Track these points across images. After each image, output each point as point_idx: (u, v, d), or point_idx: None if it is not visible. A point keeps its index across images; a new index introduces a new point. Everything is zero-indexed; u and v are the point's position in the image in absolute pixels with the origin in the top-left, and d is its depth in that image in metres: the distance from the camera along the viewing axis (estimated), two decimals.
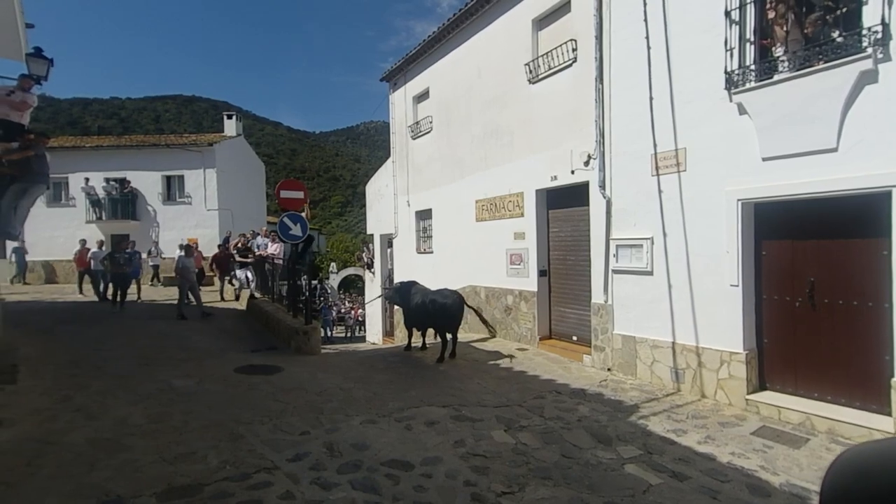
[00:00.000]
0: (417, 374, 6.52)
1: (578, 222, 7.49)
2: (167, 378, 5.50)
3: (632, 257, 6.27)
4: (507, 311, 8.76)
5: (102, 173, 18.74)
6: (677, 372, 5.71)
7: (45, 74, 7.40)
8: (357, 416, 4.70)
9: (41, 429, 3.65)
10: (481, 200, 9.45)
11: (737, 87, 5.05)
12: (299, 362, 7.01)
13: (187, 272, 10.23)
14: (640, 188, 6.18)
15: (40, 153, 6.21)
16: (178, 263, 10.39)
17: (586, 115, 6.89)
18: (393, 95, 13.16)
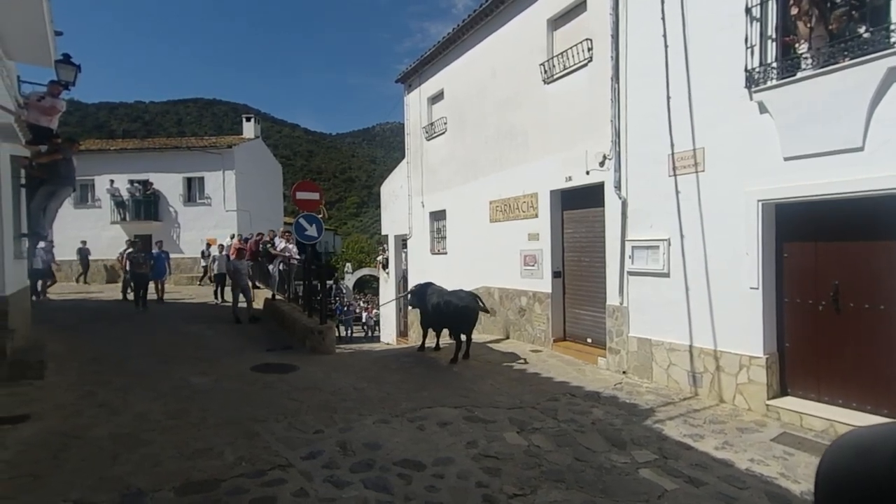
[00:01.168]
0: (430, 374, 6.53)
1: (593, 223, 7.41)
2: (185, 375, 5.63)
3: (648, 259, 6.18)
4: (520, 313, 8.72)
5: (126, 175, 19.29)
6: (695, 376, 5.61)
7: (73, 80, 7.66)
8: (370, 415, 4.74)
9: (66, 423, 3.78)
10: (495, 201, 9.42)
11: (757, 85, 4.93)
12: (314, 361, 7.09)
13: (239, 275, 10.31)
14: (656, 189, 6.08)
15: (67, 157, 6.41)
16: (229, 266, 10.49)
17: (602, 114, 6.82)
18: (408, 97, 13.22)
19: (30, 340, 6.41)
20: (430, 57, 11.63)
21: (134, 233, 19.44)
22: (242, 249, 11.22)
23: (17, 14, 4.55)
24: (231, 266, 10.41)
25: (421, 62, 12.02)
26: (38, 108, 6.96)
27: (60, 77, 7.46)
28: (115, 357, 6.46)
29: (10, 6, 4.31)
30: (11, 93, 6.10)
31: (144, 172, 19.39)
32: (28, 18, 4.54)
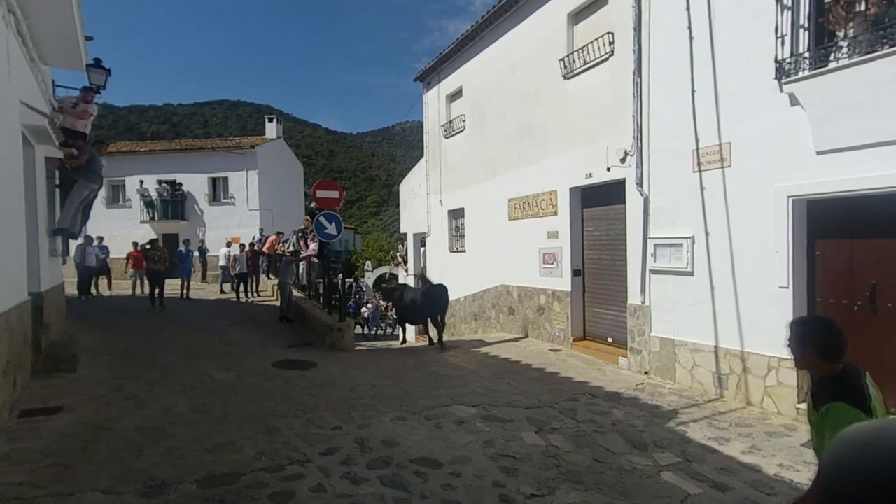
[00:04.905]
0: (448, 373, 6.53)
1: (614, 221, 7.27)
2: (209, 370, 5.77)
3: (671, 257, 6.02)
4: (539, 311, 8.63)
5: (155, 176, 19.89)
6: (720, 377, 5.44)
7: (103, 83, 7.92)
8: (387, 412, 4.76)
9: (96, 415, 3.92)
10: (514, 199, 9.34)
11: (788, 76, 4.73)
12: (333, 358, 7.17)
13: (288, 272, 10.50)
14: (680, 185, 5.92)
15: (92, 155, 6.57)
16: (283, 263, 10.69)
17: (623, 110, 6.67)
18: (426, 95, 13.23)
19: (64, 335, 6.68)
20: (449, 55, 11.60)
21: (162, 232, 20.06)
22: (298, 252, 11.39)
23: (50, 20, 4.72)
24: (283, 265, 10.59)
25: (439, 60, 12.00)
26: (73, 113, 7.24)
27: (92, 81, 7.73)
28: (144, 352, 6.67)
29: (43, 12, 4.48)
30: (46, 97, 6.35)
31: (172, 173, 19.96)
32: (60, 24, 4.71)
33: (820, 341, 1.81)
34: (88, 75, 7.72)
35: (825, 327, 1.85)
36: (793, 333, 1.90)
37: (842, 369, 1.80)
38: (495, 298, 9.98)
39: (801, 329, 1.88)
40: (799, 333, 1.87)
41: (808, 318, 2.08)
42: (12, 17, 4.21)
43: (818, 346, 1.81)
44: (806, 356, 1.85)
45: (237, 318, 10.56)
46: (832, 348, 1.80)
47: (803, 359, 1.87)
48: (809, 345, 1.83)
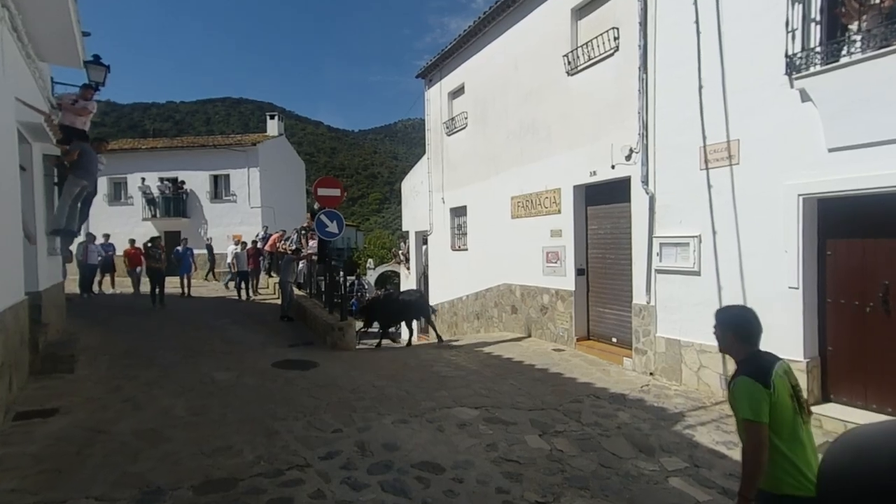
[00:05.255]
0: (450, 373, 6.45)
1: (619, 219, 7.16)
2: (209, 371, 5.71)
3: (677, 256, 5.92)
4: (542, 311, 8.54)
5: (157, 173, 19.85)
6: (726, 379, 5.34)
7: (102, 80, 7.85)
8: (389, 414, 4.69)
9: (93, 418, 3.85)
10: (517, 197, 9.24)
11: (799, 71, 4.61)
12: (334, 358, 7.10)
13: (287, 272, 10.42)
14: (686, 183, 5.81)
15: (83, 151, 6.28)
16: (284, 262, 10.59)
17: (628, 106, 6.56)
18: (428, 92, 13.12)
19: (64, 333, 6.63)
20: (451, 51, 11.48)
21: (164, 229, 20.02)
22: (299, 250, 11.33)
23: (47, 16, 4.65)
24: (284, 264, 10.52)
25: (441, 56, 11.88)
26: (72, 110, 7.15)
27: (91, 78, 7.65)
28: (144, 351, 6.62)
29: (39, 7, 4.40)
30: (44, 94, 6.29)
31: (173, 170, 19.91)
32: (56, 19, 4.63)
33: (736, 327, 2.04)
34: (87, 72, 7.65)
35: (741, 314, 2.10)
36: (716, 320, 2.13)
37: (755, 352, 2.00)
38: (498, 297, 9.90)
39: (722, 316, 2.12)
40: (720, 320, 2.11)
41: (728, 306, 2.27)
42: (6, 13, 4.13)
43: (734, 331, 2.04)
44: (725, 340, 2.08)
45: (238, 316, 10.52)
46: (747, 333, 2.02)
47: (723, 342, 2.09)
48: (728, 330, 2.06)
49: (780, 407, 1.84)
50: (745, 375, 1.89)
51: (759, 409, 1.81)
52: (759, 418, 1.80)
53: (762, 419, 1.80)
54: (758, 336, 2.03)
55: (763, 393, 1.82)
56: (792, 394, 1.91)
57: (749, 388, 1.84)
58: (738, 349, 2.04)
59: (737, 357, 2.05)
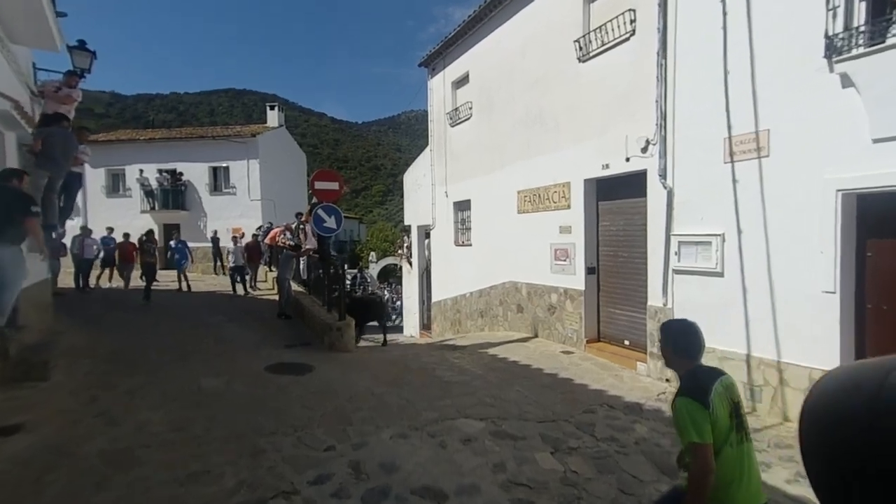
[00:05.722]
0: (453, 378, 6.09)
1: (633, 215, 6.75)
2: (197, 376, 5.37)
3: (697, 256, 5.51)
4: (550, 311, 8.16)
5: (155, 165, 19.50)
6: (752, 389, 4.96)
7: (88, 67, 7.44)
8: (387, 427, 4.34)
9: (60, 436, 3.51)
10: (523, 191, 8.83)
11: (840, 53, 4.17)
12: (331, 361, 6.76)
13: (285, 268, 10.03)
14: (709, 177, 5.39)
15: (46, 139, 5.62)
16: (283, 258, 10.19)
17: (645, 95, 6.12)
18: (431, 81, 12.65)
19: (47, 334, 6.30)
20: (455, 38, 11.00)
21: (163, 222, 19.74)
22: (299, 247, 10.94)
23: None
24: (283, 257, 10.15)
25: (445, 44, 11.40)
26: (55, 98, 6.77)
27: (76, 64, 7.26)
28: (131, 352, 6.29)
29: None
30: (21, 79, 5.90)
31: (172, 162, 19.55)
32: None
33: (675, 341, 2.00)
34: (72, 58, 7.25)
35: (680, 328, 2.05)
36: (661, 334, 2.10)
37: (695, 368, 1.95)
38: (503, 295, 9.52)
39: (663, 330, 2.08)
40: (663, 334, 2.07)
41: (670, 320, 2.22)
42: None
43: (673, 345, 2.01)
44: (666, 354, 2.04)
45: (235, 313, 10.19)
46: (686, 347, 1.98)
47: (665, 356, 2.05)
48: (667, 345, 2.02)
49: (716, 426, 1.81)
50: (684, 396, 1.85)
51: (702, 430, 1.78)
52: (704, 439, 1.77)
53: (707, 440, 1.77)
54: (697, 350, 1.99)
55: (703, 413, 1.79)
56: (732, 411, 1.87)
57: (690, 410, 1.80)
58: (678, 364, 2.01)
59: (678, 372, 2.02)
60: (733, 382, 1.96)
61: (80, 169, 6.88)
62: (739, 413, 1.90)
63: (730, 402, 1.88)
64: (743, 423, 1.89)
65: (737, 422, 1.87)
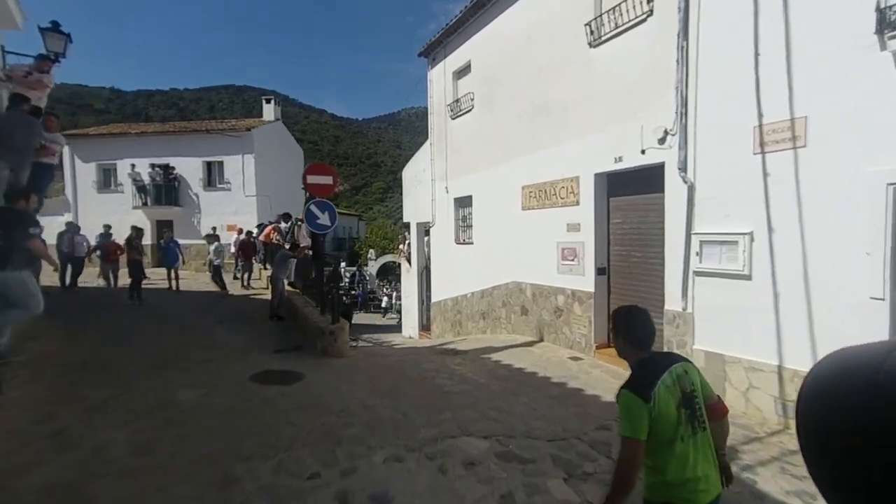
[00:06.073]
0: (454, 388, 5.63)
1: (648, 212, 6.28)
2: (174, 387, 4.90)
3: (722, 257, 5.04)
4: (556, 313, 7.69)
5: (147, 159, 19.00)
6: (784, 404, 4.49)
7: (62, 51, 6.94)
8: (381, 448, 3.88)
9: (1, 463, 3.04)
10: (528, 186, 8.34)
11: (894, 29, 3.69)
12: (323, 367, 6.30)
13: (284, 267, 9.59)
14: (735, 170, 4.91)
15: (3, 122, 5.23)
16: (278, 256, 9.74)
17: (663, 81, 5.63)
18: (431, 72, 12.15)
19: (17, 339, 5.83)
20: (456, 25, 10.49)
21: (156, 218, 19.26)
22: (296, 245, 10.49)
23: None
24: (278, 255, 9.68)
25: (445, 32, 10.89)
26: (24, 83, 6.29)
27: (49, 47, 6.76)
28: (106, 359, 5.82)
29: None
30: None
31: (165, 157, 19.05)
32: None
33: (626, 330, 1.93)
34: (44, 41, 6.76)
35: (629, 316, 1.96)
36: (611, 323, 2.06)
37: (644, 358, 1.89)
38: (506, 296, 9.05)
39: (614, 318, 2.02)
40: (613, 322, 2.01)
41: (620, 307, 2.09)
42: None
43: (623, 333, 1.94)
44: (618, 344, 1.98)
45: (224, 314, 9.73)
46: (635, 337, 1.92)
47: (616, 346, 2.00)
48: (617, 333, 1.96)
49: (662, 419, 1.74)
50: (627, 389, 1.80)
51: (636, 426, 1.73)
52: (636, 435, 1.73)
53: (638, 436, 1.73)
54: (646, 339, 1.92)
55: (642, 408, 1.73)
56: (681, 402, 1.79)
57: (629, 404, 1.76)
58: (628, 354, 1.95)
59: (629, 362, 1.95)
60: (688, 371, 1.88)
61: (50, 160, 6.40)
62: (692, 404, 1.81)
63: (679, 394, 1.79)
64: (696, 414, 1.81)
65: (688, 412, 1.79)
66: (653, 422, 1.73)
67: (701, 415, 1.83)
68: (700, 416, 1.82)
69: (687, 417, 1.78)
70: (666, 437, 1.74)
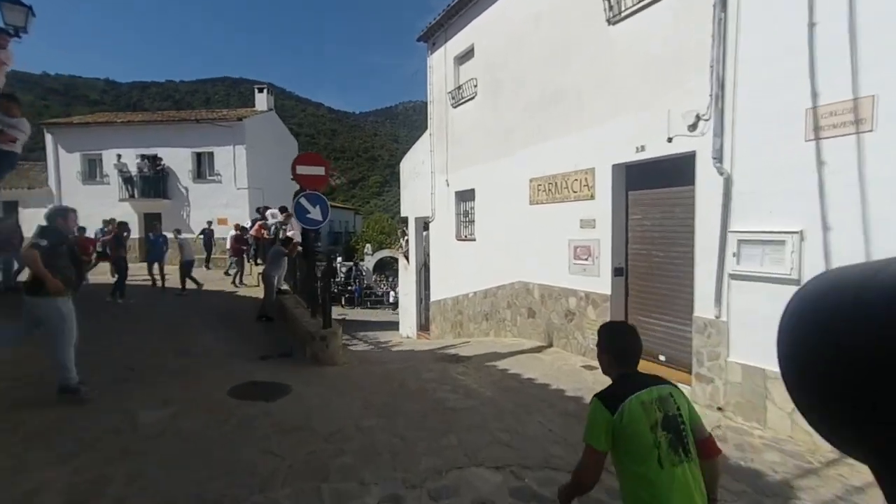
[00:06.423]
0: (459, 403, 5.02)
1: (673, 207, 5.67)
2: (137, 406, 4.27)
3: (764, 258, 4.44)
4: (567, 317, 7.10)
5: (134, 150, 18.26)
6: None
7: (23, 25, 6.24)
8: (375, 483, 3.28)
9: None
10: (537, 179, 7.72)
11: None
12: (313, 378, 5.69)
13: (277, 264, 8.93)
14: (782, 159, 4.29)
15: None
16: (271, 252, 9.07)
17: (695, 60, 5.00)
18: (431, 58, 11.46)
19: None
20: (458, 7, 9.81)
21: (143, 211, 18.56)
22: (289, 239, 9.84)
23: None
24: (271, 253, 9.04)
25: (446, 14, 10.21)
26: None
27: (6, 20, 6.06)
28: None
29: None
30: None
31: (152, 147, 18.32)
32: None
33: (609, 345, 1.90)
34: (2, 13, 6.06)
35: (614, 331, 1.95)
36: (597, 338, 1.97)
37: (625, 374, 1.84)
38: (511, 297, 8.45)
39: (599, 333, 1.96)
40: (599, 337, 1.95)
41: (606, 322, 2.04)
42: None
43: (606, 349, 1.90)
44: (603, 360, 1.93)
45: (209, 314, 9.11)
46: (619, 353, 1.88)
47: (601, 362, 1.94)
48: (602, 349, 1.92)
49: (633, 437, 1.64)
50: (596, 397, 1.77)
51: (597, 434, 1.69)
52: (595, 444, 1.69)
53: (594, 444, 1.69)
54: (628, 356, 1.86)
55: (603, 418, 1.69)
56: (660, 423, 1.65)
57: (594, 411, 1.74)
58: (611, 370, 1.89)
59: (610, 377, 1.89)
60: (674, 395, 1.77)
61: (9, 147, 5.73)
62: (676, 429, 1.67)
63: (658, 414, 1.68)
64: (682, 442, 1.66)
65: (670, 437, 1.65)
66: (618, 436, 1.66)
67: (687, 444, 1.68)
68: (686, 445, 1.67)
69: (669, 442, 1.64)
70: (640, 457, 1.63)
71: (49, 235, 4.06)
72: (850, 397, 0.38)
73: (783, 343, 0.47)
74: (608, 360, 1.89)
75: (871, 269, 0.40)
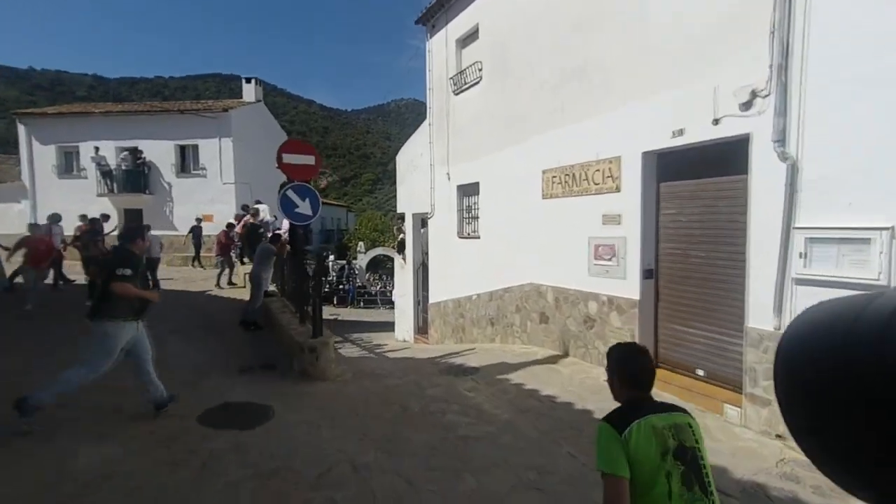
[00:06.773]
0: (472, 430, 4.24)
1: (716, 200, 4.93)
2: (74, 443, 3.44)
3: (842, 260, 3.71)
4: (586, 324, 6.35)
5: (113, 142, 17.21)
6: None
7: None
8: None
9: None
10: (551, 170, 6.95)
11: None
12: (301, 398, 4.88)
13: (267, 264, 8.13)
14: (867, 141, 3.56)
15: None
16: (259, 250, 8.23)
17: (750, 23, 4.26)
18: (430, 41, 10.64)
19: None
20: None
21: (123, 207, 17.55)
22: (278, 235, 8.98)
23: None
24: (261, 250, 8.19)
25: None
26: None
27: None
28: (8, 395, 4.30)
29: None
30: None
31: (133, 139, 17.27)
32: None
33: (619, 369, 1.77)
34: None
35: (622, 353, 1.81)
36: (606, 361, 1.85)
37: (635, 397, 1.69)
38: (521, 300, 7.69)
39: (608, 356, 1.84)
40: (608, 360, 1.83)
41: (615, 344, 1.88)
42: None
43: (616, 373, 1.78)
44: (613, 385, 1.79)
45: (188, 319, 8.25)
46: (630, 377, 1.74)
47: (611, 387, 1.80)
48: (612, 372, 1.79)
49: (640, 463, 1.48)
50: (603, 420, 1.61)
51: (613, 459, 1.48)
52: (615, 471, 1.47)
53: (618, 472, 1.47)
54: (640, 380, 1.71)
55: (617, 440, 1.51)
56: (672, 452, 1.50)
57: (604, 435, 1.56)
58: (621, 395, 1.74)
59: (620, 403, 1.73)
60: (693, 427, 1.60)
61: None
62: (692, 461, 1.51)
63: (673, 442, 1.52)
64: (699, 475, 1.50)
65: (682, 469, 1.48)
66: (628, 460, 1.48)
67: (707, 483, 1.50)
68: (705, 484, 1.49)
69: (682, 476, 1.47)
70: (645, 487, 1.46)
71: (131, 263, 3.96)
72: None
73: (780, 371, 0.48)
74: (619, 385, 1.75)
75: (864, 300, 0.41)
